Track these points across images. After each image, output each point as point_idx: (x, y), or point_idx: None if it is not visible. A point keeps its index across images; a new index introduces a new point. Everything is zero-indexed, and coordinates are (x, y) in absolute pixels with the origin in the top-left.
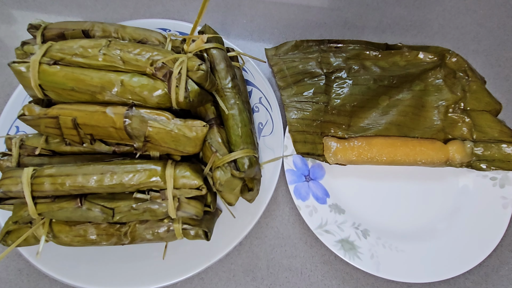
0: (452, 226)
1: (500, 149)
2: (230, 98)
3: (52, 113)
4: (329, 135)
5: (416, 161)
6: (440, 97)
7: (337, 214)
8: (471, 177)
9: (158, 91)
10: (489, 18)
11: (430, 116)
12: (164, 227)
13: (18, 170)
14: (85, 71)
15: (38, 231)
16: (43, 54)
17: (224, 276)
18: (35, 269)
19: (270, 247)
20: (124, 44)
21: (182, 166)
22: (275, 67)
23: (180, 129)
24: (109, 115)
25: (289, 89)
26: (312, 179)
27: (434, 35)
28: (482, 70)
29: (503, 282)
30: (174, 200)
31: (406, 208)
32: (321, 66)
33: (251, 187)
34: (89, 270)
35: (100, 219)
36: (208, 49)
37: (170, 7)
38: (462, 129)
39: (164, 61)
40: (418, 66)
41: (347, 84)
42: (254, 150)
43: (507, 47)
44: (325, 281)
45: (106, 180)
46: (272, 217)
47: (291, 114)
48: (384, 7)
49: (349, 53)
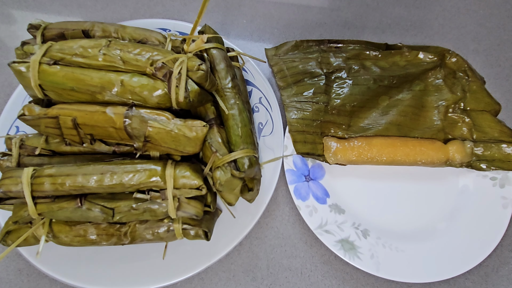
0: (452, 226)
1: (500, 149)
2: (230, 98)
3: (52, 113)
4: (329, 135)
5: (416, 161)
6: (440, 97)
7: (337, 214)
8: (471, 177)
9: (158, 91)
10: (489, 18)
11: (430, 116)
12: (164, 227)
13: (18, 170)
14: (85, 71)
15: (38, 231)
16: (43, 54)
17: (224, 276)
18: (35, 269)
19: (270, 247)
20: (124, 44)
21: (182, 166)
22: (275, 67)
23: (180, 129)
24: (109, 115)
25: (289, 89)
26: (312, 179)
27: (434, 35)
28: (482, 70)
29: (503, 282)
30: (174, 200)
31: (406, 208)
32: (321, 66)
33: (251, 187)
34: (89, 270)
35: (100, 219)
36: (208, 49)
37: (170, 7)
38: (462, 129)
39: (164, 61)
40: (418, 66)
41: (347, 84)
42: (254, 150)
43: (507, 47)
44: (325, 281)
45: (106, 180)
46: (272, 217)
47: (291, 114)
48: (384, 7)
49: (349, 53)
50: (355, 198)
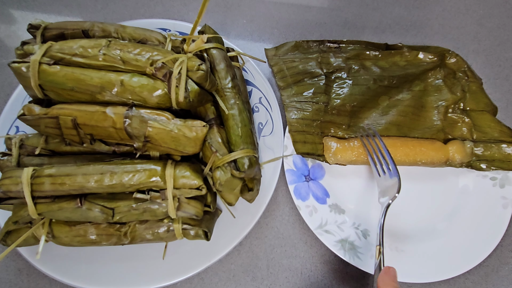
0: (452, 226)
1: (500, 149)
2: (230, 98)
3: (52, 113)
4: (329, 135)
5: (416, 161)
6: (440, 97)
7: (337, 214)
8: (471, 177)
9: (158, 91)
10: (489, 18)
11: (430, 116)
12: (164, 227)
13: (18, 170)
14: (85, 71)
15: (38, 231)
16: (43, 54)
17: (224, 276)
18: (35, 269)
19: (270, 247)
20: (124, 44)
21: (182, 166)
22: (275, 67)
23: (180, 129)
24: (109, 115)
25: (289, 89)
26: (312, 179)
27: (434, 35)
28: (482, 70)
29: (503, 282)
30: (174, 200)
31: (406, 208)
32: (321, 66)
33: (251, 187)
34: (89, 270)
35: (100, 219)
36: (208, 49)
37: (170, 7)
38: (462, 129)
39: (164, 61)
40: (418, 66)
41: (347, 84)
42: (254, 150)
43: (507, 47)
44: (325, 281)
45: (106, 180)
46: (272, 217)
47: (291, 114)
48: (384, 7)
49: (349, 53)
50: (355, 198)
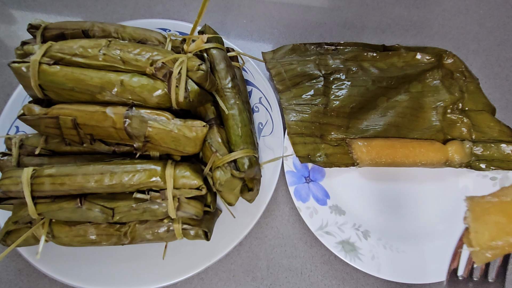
0: (453, 227)
1: (499, 148)
2: (230, 98)
3: (52, 113)
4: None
5: (416, 163)
6: (438, 98)
7: (338, 215)
8: (471, 177)
9: (158, 91)
10: (489, 18)
11: (428, 117)
12: (164, 227)
13: (18, 170)
14: (85, 71)
15: (38, 231)
16: (43, 54)
17: (224, 276)
18: (35, 269)
19: (270, 247)
20: (124, 44)
21: (182, 166)
22: (273, 70)
23: (180, 129)
24: (109, 115)
25: (288, 92)
26: (312, 180)
27: (434, 35)
28: (482, 70)
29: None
30: (174, 200)
31: (407, 209)
32: (320, 68)
33: (251, 187)
34: (89, 270)
35: (100, 219)
36: (208, 49)
37: (170, 7)
38: (461, 129)
39: (164, 61)
40: (416, 67)
41: (345, 86)
42: (254, 150)
43: (507, 47)
44: (325, 281)
45: (106, 180)
46: (272, 217)
47: (290, 116)
48: (384, 7)
49: (347, 54)
50: (356, 199)
